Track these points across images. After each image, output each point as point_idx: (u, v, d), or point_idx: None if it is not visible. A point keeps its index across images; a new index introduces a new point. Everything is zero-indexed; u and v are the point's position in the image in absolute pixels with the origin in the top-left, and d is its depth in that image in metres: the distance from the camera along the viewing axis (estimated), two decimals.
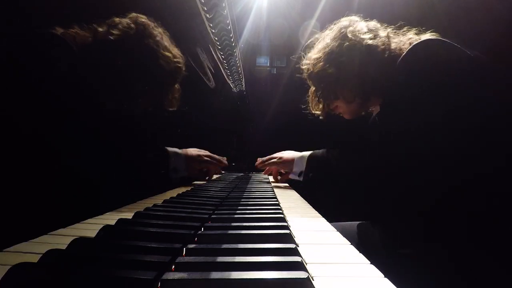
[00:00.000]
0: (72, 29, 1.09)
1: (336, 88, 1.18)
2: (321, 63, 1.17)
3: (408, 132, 0.90)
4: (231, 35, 1.30)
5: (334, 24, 1.21)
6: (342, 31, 1.15)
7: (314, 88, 1.27)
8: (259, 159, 1.65)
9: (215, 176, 1.83)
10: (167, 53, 1.23)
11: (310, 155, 1.33)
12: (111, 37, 1.11)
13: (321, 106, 1.29)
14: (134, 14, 1.22)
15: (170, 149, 1.34)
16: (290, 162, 1.41)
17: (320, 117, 1.34)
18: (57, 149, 0.90)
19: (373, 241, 1.08)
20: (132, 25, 1.17)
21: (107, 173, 1.05)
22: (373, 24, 1.17)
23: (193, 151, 1.47)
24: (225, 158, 1.64)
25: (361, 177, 1.12)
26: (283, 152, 1.58)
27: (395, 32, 1.15)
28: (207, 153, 1.53)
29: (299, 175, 1.35)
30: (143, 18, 1.23)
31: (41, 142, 0.88)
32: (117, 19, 1.18)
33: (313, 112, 1.35)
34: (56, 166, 0.90)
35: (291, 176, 1.41)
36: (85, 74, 1.01)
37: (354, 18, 1.19)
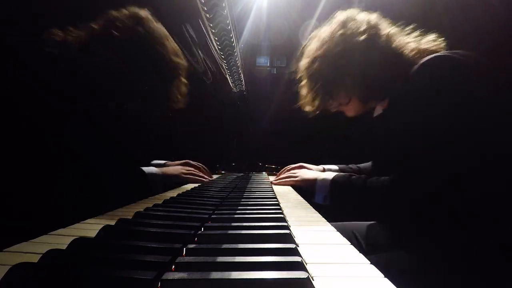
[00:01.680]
0: (68, 30, 1.07)
1: (332, 88, 1.15)
2: (317, 63, 1.13)
3: (427, 147, 0.88)
4: (231, 35, 1.29)
5: (332, 18, 1.15)
6: (339, 30, 1.09)
7: (310, 87, 1.21)
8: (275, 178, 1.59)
9: (214, 176, 1.83)
10: (168, 51, 1.19)
11: (333, 180, 1.18)
12: (110, 36, 1.07)
13: (316, 104, 1.22)
14: (133, 9, 1.17)
15: (147, 170, 1.23)
16: (311, 182, 1.26)
17: (311, 114, 1.29)
18: (59, 149, 0.90)
19: (373, 240, 1.08)
20: (133, 22, 1.12)
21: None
22: (374, 19, 1.10)
23: (173, 170, 1.39)
24: (212, 176, 1.59)
25: (386, 204, 1.00)
26: (301, 168, 1.54)
27: (397, 31, 1.09)
28: (189, 170, 1.46)
29: (324, 200, 1.19)
30: (143, 12, 1.18)
31: (43, 143, 0.88)
32: (114, 13, 1.13)
33: (306, 109, 1.29)
34: (58, 166, 0.90)
35: (315, 200, 1.23)
36: (84, 74, 1.00)
37: (353, 12, 1.12)
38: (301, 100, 1.29)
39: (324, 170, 1.54)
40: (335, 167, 1.58)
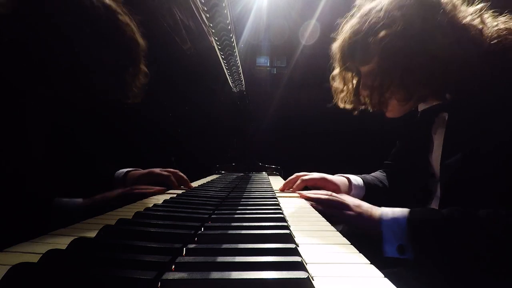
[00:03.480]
0: None
1: (402, 77, 0.81)
2: (387, 32, 0.80)
3: None
4: (231, 35, 1.29)
5: None
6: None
7: (367, 75, 0.90)
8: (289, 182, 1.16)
9: (214, 177, 1.82)
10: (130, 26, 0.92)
11: (410, 220, 0.75)
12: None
13: (366, 100, 0.92)
14: None
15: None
16: (371, 223, 0.80)
17: (354, 112, 1.00)
18: (60, 149, 0.90)
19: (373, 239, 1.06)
20: None
21: None
22: None
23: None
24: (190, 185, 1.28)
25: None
26: (325, 182, 1.10)
27: (491, 12, 0.83)
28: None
29: (400, 252, 0.75)
30: None
31: (43, 142, 0.88)
32: None
33: (342, 106, 1.00)
34: (59, 166, 0.90)
35: (386, 253, 0.76)
36: None
37: None
38: (336, 94, 1.01)
39: (350, 182, 1.21)
40: (359, 179, 1.23)
